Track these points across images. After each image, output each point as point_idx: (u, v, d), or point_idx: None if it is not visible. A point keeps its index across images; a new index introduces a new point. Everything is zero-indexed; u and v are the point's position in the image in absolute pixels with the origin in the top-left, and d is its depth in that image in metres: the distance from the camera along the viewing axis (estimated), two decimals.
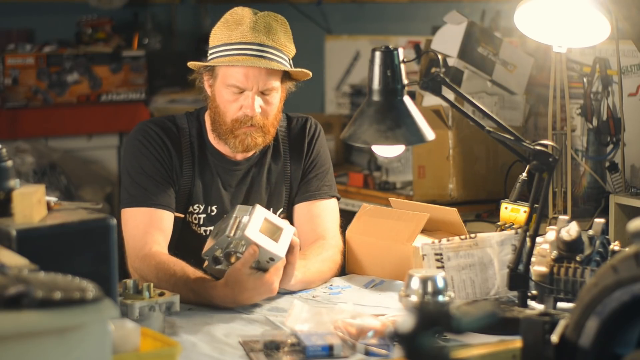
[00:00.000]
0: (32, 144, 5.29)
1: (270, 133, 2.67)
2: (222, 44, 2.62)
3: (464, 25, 3.84)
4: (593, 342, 1.64)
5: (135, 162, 2.67)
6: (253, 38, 2.59)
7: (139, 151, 2.67)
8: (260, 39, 2.59)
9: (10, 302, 1.42)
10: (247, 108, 2.61)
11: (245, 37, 2.60)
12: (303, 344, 2.08)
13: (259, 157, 2.78)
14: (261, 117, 2.62)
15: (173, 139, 2.70)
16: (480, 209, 3.93)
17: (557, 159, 2.27)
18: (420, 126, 2.22)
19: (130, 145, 2.70)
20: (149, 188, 2.64)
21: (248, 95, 2.61)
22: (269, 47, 2.60)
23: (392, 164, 4.45)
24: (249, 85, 2.60)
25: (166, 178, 2.66)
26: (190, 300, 2.42)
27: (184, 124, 2.74)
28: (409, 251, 2.61)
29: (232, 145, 2.65)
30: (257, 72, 2.59)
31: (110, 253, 1.85)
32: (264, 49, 2.59)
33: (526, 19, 2.79)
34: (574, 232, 2.26)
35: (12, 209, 1.84)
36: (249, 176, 2.75)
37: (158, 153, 2.67)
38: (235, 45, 2.60)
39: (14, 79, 5.29)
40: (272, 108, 2.65)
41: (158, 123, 2.72)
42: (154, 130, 2.69)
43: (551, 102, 3.63)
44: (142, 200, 2.63)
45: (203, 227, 2.72)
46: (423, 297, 2.19)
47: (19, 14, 5.71)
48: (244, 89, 2.61)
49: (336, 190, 2.84)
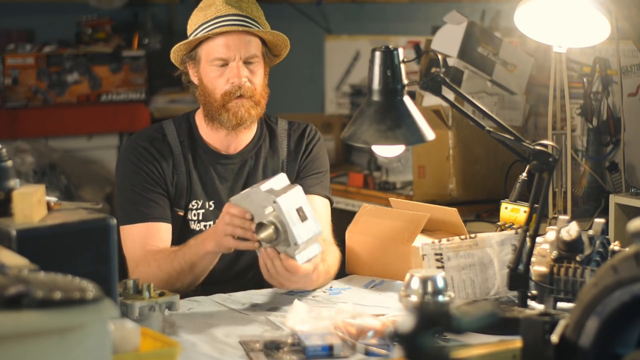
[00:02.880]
0: (32, 144, 5.28)
1: (260, 105, 2.71)
2: (199, 25, 2.70)
3: (464, 25, 3.84)
4: (593, 342, 1.64)
5: (126, 180, 2.73)
6: (227, 10, 2.68)
7: (128, 169, 2.73)
8: (233, 10, 2.68)
9: (10, 302, 1.42)
10: (233, 78, 2.67)
11: (220, 11, 2.68)
12: (303, 344, 2.08)
13: (254, 151, 2.80)
14: (249, 87, 2.68)
15: (160, 147, 2.75)
16: (480, 209, 3.93)
17: (557, 159, 2.26)
18: (420, 126, 2.22)
19: (122, 164, 2.77)
20: (142, 203, 2.69)
21: (233, 65, 2.67)
22: (243, 16, 2.68)
23: (392, 164, 4.45)
24: (232, 55, 2.66)
25: (158, 190, 2.71)
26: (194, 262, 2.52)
27: (171, 127, 2.79)
28: (409, 251, 2.61)
29: (226, 119, 2.69)
30: (237, 41, 2.66)
31: (110, 253, 1.85)
32: (240, 18, 2.68)
33: (526, 19, 2.79)
34: (574, 232, 2.26)
35: (12, 209, 1.84)
36: (244, 170, 2.78)
37: (147, 167, 2.72)
38: (212, 20, 2.68)
39: (14, 79, 5.29)
40: (257, 78, 2.70)
41: (144, 136, 2.78)
42: (140, 145, 2.75)
43: (551, 102, 3.63)
44: (137, 217, 2.69)
45: (203, 222, 2.75)
46: (423, 297, 2.19)
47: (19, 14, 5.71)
48: (227, 60, 2.67)
49: (330, 194, 2.85)
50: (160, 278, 2.53)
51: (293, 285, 2.49)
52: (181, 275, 2.54)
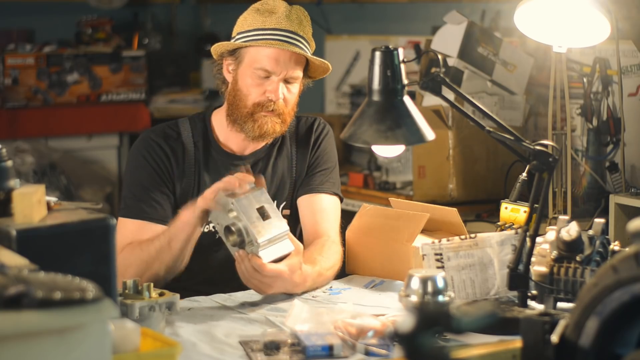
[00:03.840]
0: (32, 144, 5.29)
1: (286, 123, 2.72)
2: (256, 28, 2.67)
3: (464, 25, 3.84)
4: (593, 342, 1.64)
5: (136, 173, 2.73)
6: (288, 26, 2.66)
7: (139, 163, 2.73)
8: (294, 27, 2.66)
9: (10, 302, 1.42)
10: (271, 93, 2.66)
11: (281, 24, 2.65)
12: (303, 344, 2.08)
13: (266, 152, 2.80)
14: (282, 104, 2.67)
15: (174, 145, 2.75)
16: (480, 209, 3.93)
17: (557, 159, 2.26)
18: (420, 126, 2.22)
19: (133, 157, 2.77)
20: (145, 201, 2.69)
21: (274, 80, 2.66)
22: (300, 36, 2.67)
23: (392, 164, 4.45)
24: (278, 70, 2.65)
25: (163, 190, 2.71)
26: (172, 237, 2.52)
27: (186, 126, 2.78)
28: (409, 251, 2.60)
29: (250, 129, 2.69)
30: (287, 58, 2.65)
31: (110, 253, 1.85)
32: (297, 37, 2.66)
33: (526, 19, 2.79)
34: (574, 232, 2.26)
35: (12, 209, 1.84)
36: (255, 170, 2.77)
37: (157, 165, 2.72)
38: (270, 30, 2.65)
39: (14, 79, 5.29)
40: (292, 97, 2.71)
41: (159, 132, 2.77)
42: (154, 141, 2.74)
43: (551, 102, 3.63)
44: (136, 213, 2.69)
45: (211, 223, 2.73)
46: (423, 297, 2.19)
47: (19, 14, 5.72)
48: (271, 74, 2.65)
49: (339, 190, 2.85)
50: (141, 258, 2.54)
51: (269, 289, 2.46)
52: (160, 255, 2.54)
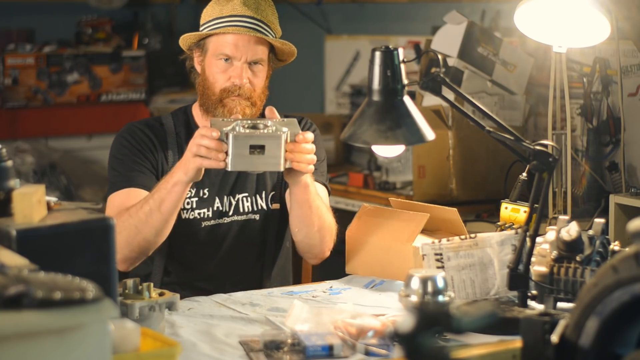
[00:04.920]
0: (32, 144, 5.29)
1: (256, 106, 2.75)
2: (214, 18, 2.74)
3: (464, 25, 3.84)
4: (593, 342, 1.64)
5: (117, 155, 2.79)
6: (243, 11, 2.72)
7: (122, 145, 2.79)
8: (250, 12, 2.72)
9: (10, 302, 1.42)
10: (235, 77, 2.71)
11: (236, 10, 2.72)
12: (303, 344, 2.08)
13: None
14: (248, 88, 2.72)
15: (157, 133, 2.81)
16: (480, 209, 3.93)
17: (557, 159, 2.26)
18: (420, 126, 2.22)
19: (116, 143, 2.82)
20: (126, 172, 2.74)
21: (237, 65, 2.72)
22: (258, 20, 2.72)
23: (392, 164, 4.45)
24: (238, 55, 2.71)
25: (146, 165, 2.76)
26: (163, 198, 2.53)
27: (169, 118, 2.86)
28: (409, 251, 2.60)
29: (220, 114, 2.73)
30: (246, 42, 2.71)
31: (110, 253, 1.85)
32: (254, 21, 2.72)
33: (526, 19, 2.79)
34: (574, 232, 2.26)
35: (12, 209, 1.84)
36: None
37: (140, 145, 2.77)
38: (227, 17, 2.72)
39: (14, 79, 5.29)
40: (259, 80, 2.75)
41: (142, 122, 2.86)
42: (137, 127, 2.81)
43: (551, 102, 3.62)
44: (120, 184, 2.73)
45: (197, 210, 2.78)
46: (423, 297, 2.19)
47: (19, 14, 5.71)
48: (232, 59, 2.71)
49: (327, 181, 2.89)
50: (130, 223, 2.56)
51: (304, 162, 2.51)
52: (150, 218, 2.55)
